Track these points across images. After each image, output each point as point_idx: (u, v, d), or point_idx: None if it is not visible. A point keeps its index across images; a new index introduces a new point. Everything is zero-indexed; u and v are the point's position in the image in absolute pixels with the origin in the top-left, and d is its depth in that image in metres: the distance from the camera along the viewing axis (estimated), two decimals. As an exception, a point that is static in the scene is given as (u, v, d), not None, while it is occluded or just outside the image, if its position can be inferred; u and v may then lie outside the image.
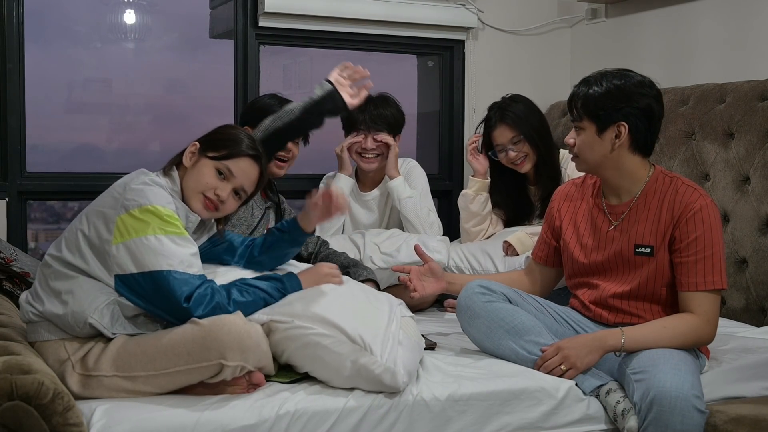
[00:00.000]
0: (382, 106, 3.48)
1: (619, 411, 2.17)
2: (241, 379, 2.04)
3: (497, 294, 2.44)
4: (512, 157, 3.35)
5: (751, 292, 2.94)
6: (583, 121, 2.36)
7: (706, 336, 2.29)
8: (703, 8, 3.49)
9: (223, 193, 2.20)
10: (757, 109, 3.02)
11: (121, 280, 2.05)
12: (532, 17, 4.15)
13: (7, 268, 2.71)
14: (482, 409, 2.15)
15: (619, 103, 2.32)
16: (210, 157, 2.21)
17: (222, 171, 2.20)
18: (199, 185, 2.19)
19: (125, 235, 2.04)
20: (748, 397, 2.23)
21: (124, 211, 2.05)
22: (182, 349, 1.99)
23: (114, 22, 3.92)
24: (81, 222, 2.12)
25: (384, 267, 3.22)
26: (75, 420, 1.80)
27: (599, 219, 2.46)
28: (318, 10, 3.71)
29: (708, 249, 2.28)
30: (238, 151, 2.22)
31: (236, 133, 2.28)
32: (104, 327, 2.03)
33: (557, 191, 2.62)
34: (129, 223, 2.04)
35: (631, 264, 2.38)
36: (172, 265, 2.02)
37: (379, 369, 2.06)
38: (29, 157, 3.40)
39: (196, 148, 2.23)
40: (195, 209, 2.20)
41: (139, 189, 2.08)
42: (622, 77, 2.35)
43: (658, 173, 2.40)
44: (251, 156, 2.23)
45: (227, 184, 2.21)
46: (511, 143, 3.34)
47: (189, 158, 2.22)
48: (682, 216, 2.30)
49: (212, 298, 2.05)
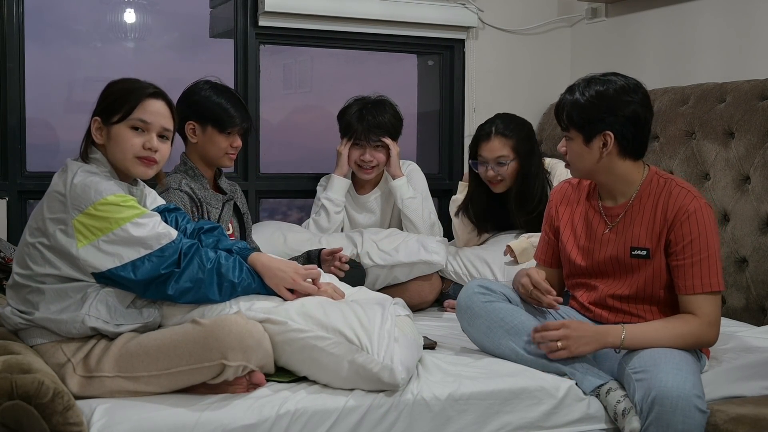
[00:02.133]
0: (379, 113, 3.45)
1: (620, 411, 2.17)
2: (242, 379, 2.04)
3: (497, 294, 2.44)
4: (490, 176, 3.28)
5: (751, 292, 2.93)
6: (570, 131, 2.35)
7: (707, 338, 2.29)
8: (703, 7, 3.49)
9: (153, 143, 2.16)
10: (757, 109, 3.02)
11: (103, 275, 2.05)
12: (533, 17, 4.14)
13: (7, 268, 2.71)
14: (482, 408, 2.15)
15: (602, 113, 2.29)
16: (117, 122, 2.15)
17: (136, 126, 2.16)
18: (127, 151, 2.15)
19: (89, 237, 2.04)
20: (749, 396, 2.24)
21: (78, 212, 2.04)
22: (184, 350, 1.99)
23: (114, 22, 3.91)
24: (33, 235, 2.09)
25: (382, 264, 3.22)
26: (75, 419, 1.81)
27: (595, 221, 2.45)
28: (318, 9, 3.70)
29: (704, 251, 2.27)
30: (137, 99, 2.16)
31: (123, 85, 2.21)
32: (105, 322, 2.04)
33: (554, 191, 2.61)
34: (89, 224, 2.04)
35: (627, 266, 2.37)
36: (151, 247, 2.05)
37: (376, 367, 2.06)
38: (29, 157, 3.39)
39: (99, 123, 2.17)
40: (138, 173, 2.17)
41: (82, 185, 2.06)
42: (605, 83, 2.31)
43: (653, 174, 2.39)
44: (150, 95, 2.19)
45: (149, 134, 2.17)
46: (495, 162, 3.26)
47: (99, 136, 2.17)
48: (676, 219, 2.29)
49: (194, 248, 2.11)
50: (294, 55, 4.54)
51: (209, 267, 2.12)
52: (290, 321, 2.11)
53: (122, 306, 2.09)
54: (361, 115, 3.45)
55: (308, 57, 4.51)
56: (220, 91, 2.94)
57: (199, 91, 2.93)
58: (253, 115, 3.71)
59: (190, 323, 2.05)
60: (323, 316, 2.13)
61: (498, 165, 3.26)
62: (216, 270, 2.13)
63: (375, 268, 3.22)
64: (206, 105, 2.90)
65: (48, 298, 2.06)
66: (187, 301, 2.13)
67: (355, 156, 3.49)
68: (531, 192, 3.28)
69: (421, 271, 3.26)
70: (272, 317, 2.12)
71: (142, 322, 2.10)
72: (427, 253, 3.23)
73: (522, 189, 3.29)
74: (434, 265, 3.25)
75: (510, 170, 3.27)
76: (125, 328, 2.08)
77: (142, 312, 2.12)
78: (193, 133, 2.92)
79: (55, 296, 2.06)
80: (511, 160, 3.26)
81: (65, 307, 2.05)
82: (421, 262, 3.22)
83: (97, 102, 2.21)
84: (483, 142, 3.29)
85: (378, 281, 3.25)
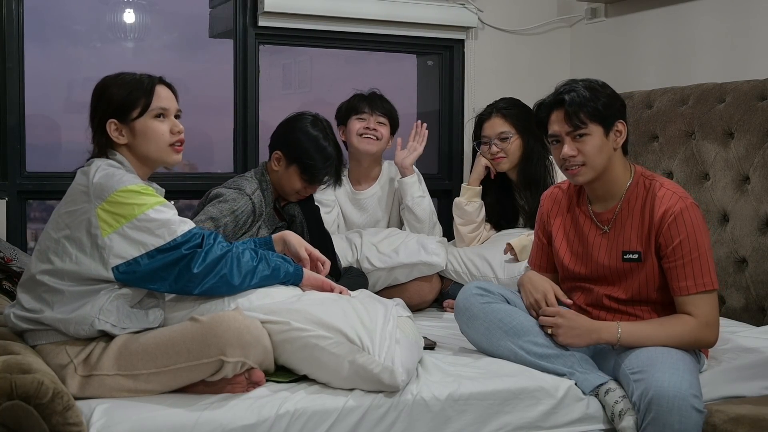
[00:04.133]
0: (382, 100, 3.50)
1: (617, 411, 2.17)
2: (241, 377, 2.04)
3: (495, 295, 2.44)
4: (493, 152, 3.37)
5: (751, 292, 2.93)
6: (588, 127, 2.32)
7: (706, 338, 2.28)
8: (702, 8, 3.49)
9: (178, 126, 2.21)
10: (756, 109, 3.02)
11: (126, 267, 2.05)
12: (532, 17, 4.14)
13: (7, 268, 2.71)
14: (482, 408, 2.15)
15: (611, 101, 2.34)
16: (138, 116, 2.16)
17: (159, 114, 2.19)
18: (161, 140, 2.18)
19: (114, 224, 2.04)
20: (748, 396, 2.24)
21: (101, 200, 2.05)
22: (182, 347, 2.00)
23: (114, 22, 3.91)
24: (58, 229, 2.10)
25: (382, 267, 3.21)
26: (74, 419, 1.81)
27: (586, 226, 2.44)
28: (318, 9, 3.70)
29: (695, 251, 2.26)
30: (149, 89, 2.19)
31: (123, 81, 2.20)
32: (112, 325, 2.04)
33: (545, 196, 2.60)
34: (113, 211, 2.05)
35: (621, 271, 2.37)
36: (174, 233, 2.07)
37: (377, 368, 2.06)
38: (29, 157, 3.39)
39: (116, 123, 2.16)
40: (173, 161, 2.21)
41: (104, 176, 2.08)
42: (593, 80, 2.38)
43: (638, 176, 2.39)
44: (157, 83, 2.21)
45: (170, 119, 2.21)
46: (498, 138, 3.36)
47: (120, 136, 2.16)
48: (663, 221, 2.29)
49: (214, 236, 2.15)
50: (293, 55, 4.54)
51: (229, 247, 2.17)
52: (292, 320, 2.12)
53: (131, 309, 2.09)
54: (364, 96, 3.50)
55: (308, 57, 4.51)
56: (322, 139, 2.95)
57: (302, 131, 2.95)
58: (252, 116, 3.72)
59: (189, 321, 2.06)
60: (325, 316, 2.13)
61: (501, 141, 3.37)
62: (236, 254, 2.17)
63: (375, 272, 3.21)
64: (302, 149, 2.92)
65: (62, 297, 2.06)
66: (210, 285, 2.12)
67: (358, 126, 3.45)
68: (535, 172, 3.35)
69: (421, 272, 3.26)
70: (273, 317, 2.12)
71: (147, 326, 2.10)
72: (427, 254, 3.22)
73: (526, 170, 3.37)
74: (434, 267, 3.25)
75: (513, 147, 3.37)
76: (131, 330, 2.08)
77: (148, 315, 2.12)
78: (277, 163, 2.95)
79: (70, 296, 2.06)
80: (513, 135, 3.35)
81: (77, 308, 2.04)
82: (421, 263, 3.22)
83: (98, 105, 2.19)
84: (485, 121, 3.43)
85: (378, 283, 3.25)
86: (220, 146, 4.00)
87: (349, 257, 3.26)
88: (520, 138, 3.37)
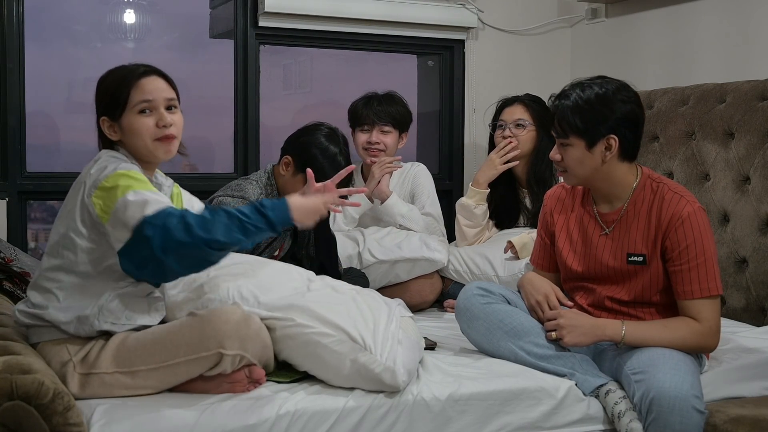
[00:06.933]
0: (387, 103, 3.49)
1: (617, 412, 2.17)
2: (241, 374, 2.04)
3: (496, 295, 2.44)
4: (506, 135, 3.40)
5: (751, 292, 2.93)
6: (569, 138, 2.30)
7: (707, 343, 2.28)
8: (703, 8, 3.49)
9: (165, 119, 2.11)
10: (757, 109, 3.01)
11: (123, 254, 1.98)
12: (532, 17, 4.15)
13: (7, 268, 2.71)
14: (482, 408, 2.15)
15: (603, 115, 2.27)
16: (122, 113, 2.10)
17: (142, 108, 2.10)
18: (145, 136, 2.09)
19: (108, 209, 1.96)
20: (748, 397, 2.24)
21: (95, 189, 1.99)
22: (181, 341, 2.00)
23: (114, 22, 3.91)
24: (66, 222, 2.06)
25: (384, 260, 3.22)
26: (75, 420, 1.81)
27: (591, 226, 2.44)
28: (318, 9, 3.71)
29: (701, 256, 2.26)
30: (129, 83, 2.11)
31: (113, 77, 2.15)
32: (112, 324, 2.04)
33: (548, 195, 2.59)
34: (105, 197, 1.97)
35: (624, 272, 2.37)
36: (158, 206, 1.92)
37: (378, 368, 2.06)
38: (29, 157, 3.40)
39: (108, 121, 2.12)
40: (162, 155, 2.11)
41: (100, 167, 2.03)
42: (601, 85, 2.29)
43: (645, 178, 2.37)
44: (142, 74, 2.14)
45: (158, 111, 2.11)
46: (514, 124, 3.39)
47: (113, 133, 2.12)
48: (671, 225, 2.28)
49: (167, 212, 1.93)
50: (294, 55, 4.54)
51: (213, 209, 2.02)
52: (295, 317, 2.12)
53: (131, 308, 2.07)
54: (369, 102, 3.49)
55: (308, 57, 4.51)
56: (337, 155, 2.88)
57: (317, 144, 2.89)
58: (252, 116, 3.72)
59: (187, 315, 2.05)
60: (328, 313, 2.13)
61: (516, 127, 3.40)
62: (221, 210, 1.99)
63: (377, 264, 3.21)
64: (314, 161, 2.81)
65: (66, 294, 2.04)
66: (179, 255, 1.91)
67: (362, 140, 3.49)
68: (543, 171, 3.36)
69: (422, 269, 3.26)
70: (277, 314, 2.13)
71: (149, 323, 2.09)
72: (429, 250, 3.24)
73: (535, 166, 3.38)
74: (436, 263, 3.26)
75: (526, 137, 3.39)
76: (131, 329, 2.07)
77: (150, 312, 2.11)
78: (286, 167, 2.91)
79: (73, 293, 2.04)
80: (530, 125, 3.38)
81: (78, 308, 2.03)
82: (423, 259, 3.23)
83: (96, 102, 2.18)
84: (506, 107, 3.46)
85: (379, 278, 3.25)
86: (220, 147, 4.00)
87: (351, 249, 3.25)
88: (536, 131, 3.39)
